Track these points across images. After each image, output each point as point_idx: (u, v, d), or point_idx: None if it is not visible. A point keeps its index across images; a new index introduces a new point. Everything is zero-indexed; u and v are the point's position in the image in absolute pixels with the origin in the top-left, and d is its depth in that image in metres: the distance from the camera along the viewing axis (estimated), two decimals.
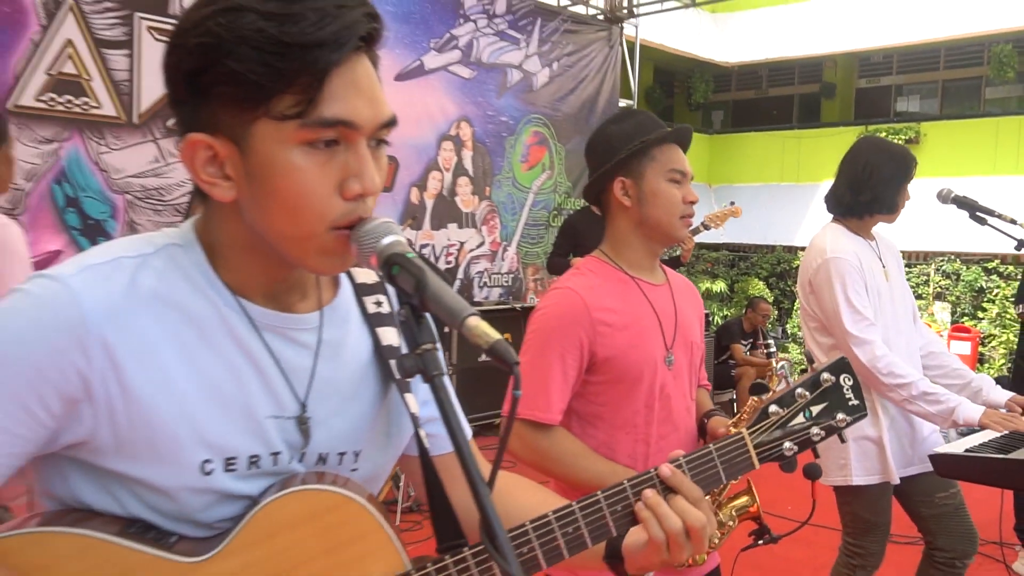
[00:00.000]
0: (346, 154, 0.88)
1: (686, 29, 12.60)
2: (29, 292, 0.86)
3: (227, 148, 0.88)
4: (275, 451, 0.96)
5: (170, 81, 0.90)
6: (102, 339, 0.86)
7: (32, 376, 0.84)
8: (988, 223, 2.82)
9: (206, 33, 0.84)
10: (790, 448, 1.30)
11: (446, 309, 0.82)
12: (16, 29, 4.59)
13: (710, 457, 1.23)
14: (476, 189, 7.40)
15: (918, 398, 2.52)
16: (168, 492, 0.90)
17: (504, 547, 0.81)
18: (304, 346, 0.99)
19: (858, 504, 2.75)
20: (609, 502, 1.09)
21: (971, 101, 14.66)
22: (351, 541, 0.96)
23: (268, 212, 0.89)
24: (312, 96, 0.85)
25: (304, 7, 0.84)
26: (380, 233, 0.88)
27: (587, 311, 1.83)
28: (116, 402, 0.87)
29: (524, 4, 7.58)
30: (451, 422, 0.84)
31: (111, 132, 5.02)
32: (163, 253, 0.93)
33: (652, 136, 1.90)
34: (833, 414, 1.32)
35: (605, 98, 8.38)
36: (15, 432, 0.84)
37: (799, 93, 16.35)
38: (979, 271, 11.13)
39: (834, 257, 2.65)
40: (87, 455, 0.89)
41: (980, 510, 4.98)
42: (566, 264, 5.48)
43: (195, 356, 0.91)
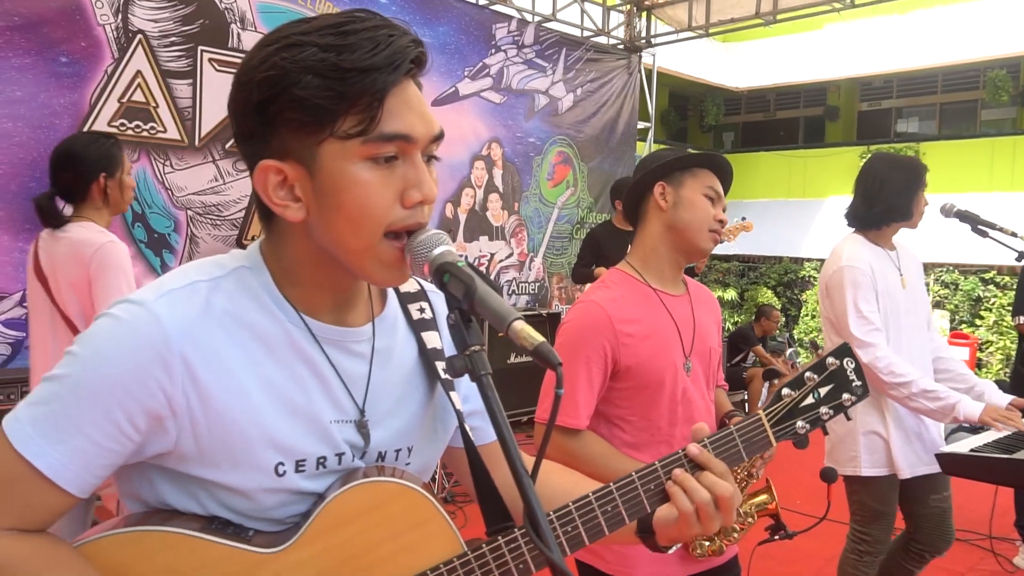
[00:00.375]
0: (404, 167, 0.89)
1: (699, 57, 12.54)
2: (116, 316, 0.88)
3: (296, 171, 0.89)
4: (339, 452, 0.97)
5: (239, 115, 0.91)
6: (183, 357, 0.87)
7: (120, 394, 0.85)
8: (989, 235, 2.77)
9: (272, 67, 0.86)
10: (802, 427, 1.32)
11: (494, 314, 0.82)
12: (92, 62, 4.68)
13: (731, 437, 1.25)
14: (506, 204, 7.41)
15: (918, 395, 2.50)
16: (245, 493, 0.92)
17: (546, 535, 0.80)
18: (360, 356, 1.00)
19: (866, 494, 2.72)
20: (643, 482, 1.09)
21: (968, 123, 14.42)
22: (412, 527, 0.97)
23: (334, 225, 0.90)
24: (373, 115, 0.86)
25: (358, 38, 0.86)
26: (432, 244, 0.89)
27: (610, 323, 1.82)
28: (197, 414, 0.88)
29: (551, 35, 7.60)
30: (496, 416, 0.83)
31: (175, 154, 5.09)
32: (233, 275, 0.94)
33: (702, 155, 1.95)
34: (839, 395, 1.34)
35: (624, 120, 8.38)
36: (106, 446, 0.86)
37: (805, 116, 16.20)
38: (976, 281, 10.94)
39: (848, 265, 2.65)
40: (171, 463, 0.91)
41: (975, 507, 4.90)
42: (589, 274, 5.46)
43: (264, 369, 0.92)
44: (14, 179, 4.43)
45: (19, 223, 4.46)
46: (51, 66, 4.52)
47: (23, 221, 4.48)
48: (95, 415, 0.85)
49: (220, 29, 5.21)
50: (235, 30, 5.29)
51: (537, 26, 7.48)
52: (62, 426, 0.84)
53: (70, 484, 0.85)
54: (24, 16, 4.39)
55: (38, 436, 0.84)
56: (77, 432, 0.84)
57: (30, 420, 0.85)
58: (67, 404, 0.85)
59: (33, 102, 4.46)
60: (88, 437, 0.85)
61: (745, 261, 13.44)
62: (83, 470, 0.85)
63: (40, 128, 4.51)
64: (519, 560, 0.99)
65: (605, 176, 8.23)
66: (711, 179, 1.94)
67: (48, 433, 0.84)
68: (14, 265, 4.48)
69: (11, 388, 3.49)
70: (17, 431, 0.84)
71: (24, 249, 4.50)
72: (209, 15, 5.15)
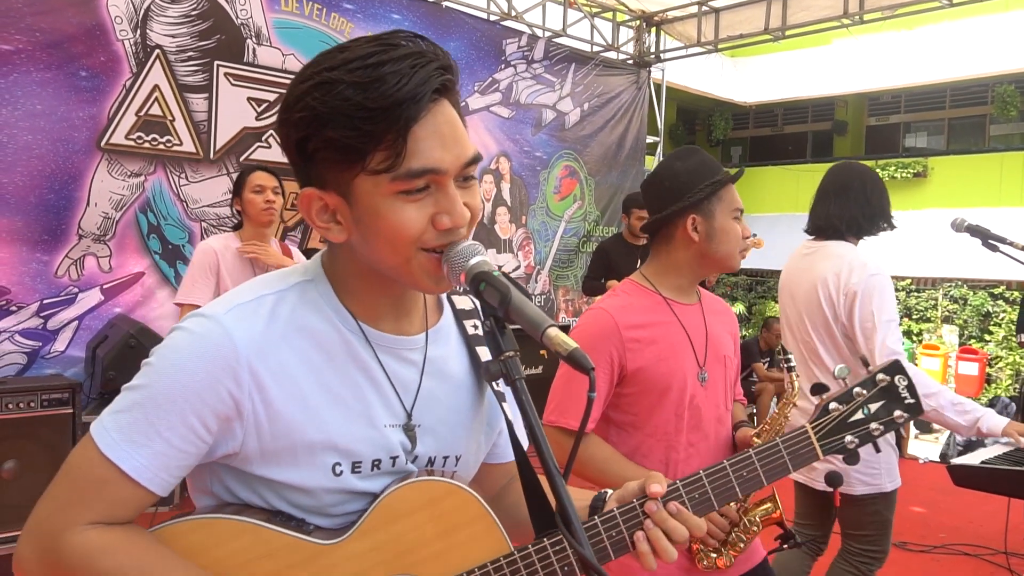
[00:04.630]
0: (437, 194, 0.93)
1: (707, 72, 12.61)
2: (189, 329, 0.95)
3: (335, 200, 0.95)
4: (394, 455, 1.02)
5: (285, 148, 0.97)
6: (250, 366, 0.94)
7: (195, 400, 0.92)
8: (1000, 250, 2.77)
9: (305, 108, 0.91)
10: (851, 441, 1.30)
11: (528, 321, 0.86)
12: (111, 76, 4.77)
13: (778, 450, 1.25)
14: (513, 218, 7.46)
15: (946, 407, 2.45)
16: (306, 490, 0.98)
17: (578, 532, 0.84)
18: (412, 363, 1.05)
19: (884, 506, 2.68)
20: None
21: (976, 138, 14.43)
22: (462, 525, 1.02)
23: (375, 248, 0.95)
24: (399, 150, 0.89)
25: (384, 71, 0.88)
26: (468, 254, 0.93)
27: (617, 329, 1.85)
28: (262, 418, 0.95)
29: (560, 50, 7.67)
30: (531, 419, 0.87)
31: (190, 167, 5.16)
32: (296, 288, 1.01)
33: (721, 178, 1.92)
34: (891, 411, 1.32)
35: (633, 135, 8.43)
36: (182, 448, 0.93)
37: (812, 130, 16.23)
38: (986, 296, 10.92)
39: (879, 274, 2.59)
40: (237, 463, 0.98)
41: (986, 522, 4.89)
42: (600, 286, 5.49)
43: (324, 375, 0.98)
44: (33, 191, 4.51)
45: (37, 234, 4.54)
46: (71, 80, 4.61)
47: (41, 232, 4.56)
48: (172, 421, 0.92)
49: (236, 44, 5.30)
50: (251, 45, 5.37)
51: (547, 41, 7.55)
52: (144, 431, 0.92)
53: (151, 483, 0.93)
54: (45, 32, 4.48)
55: (123, 441, 0.92)
56: (157, 436, 0.92)
57: (115, 427, 0.93)
58: (147, 411, 0.92)
59: (53, 115, 4.55)
60: (167, 441, 0.92)
61: (753, 275, 13.45)
62: (162, 470, 0.93)
63: (59, 141, 4.59)
64: (564, 563, 1.02)
65: (612, 190, 8.28)
66: (734, 197, 1.95)
67: (132, 438, 0.92)
68: (32, 276, 4.54)
69: (31, 396, 3.54)
70: (104, 437, 0.92)
71: (42, 260, 4.57)
72: (225, 31, 5.24)
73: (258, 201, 3.35)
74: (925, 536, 4.79)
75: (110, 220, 4.83)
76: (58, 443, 3.51)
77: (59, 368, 4.61)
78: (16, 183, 4.45)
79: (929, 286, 11.58)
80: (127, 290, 4.93)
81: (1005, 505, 3.90)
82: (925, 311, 11.52)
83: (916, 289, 11.68)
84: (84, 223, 4.72)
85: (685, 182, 1.93)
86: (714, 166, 1.96)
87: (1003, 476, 2.26)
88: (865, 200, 2.71)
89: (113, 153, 4.80)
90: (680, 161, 1.99)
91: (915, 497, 5.49)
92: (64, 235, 4.65)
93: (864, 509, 2.69)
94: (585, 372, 0.83)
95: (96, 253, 4.80)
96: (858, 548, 2.73)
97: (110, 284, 4.86)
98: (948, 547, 4.61)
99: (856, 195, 2.73)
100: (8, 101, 4.39)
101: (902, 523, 4.90)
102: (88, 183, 4.72)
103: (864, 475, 2.64)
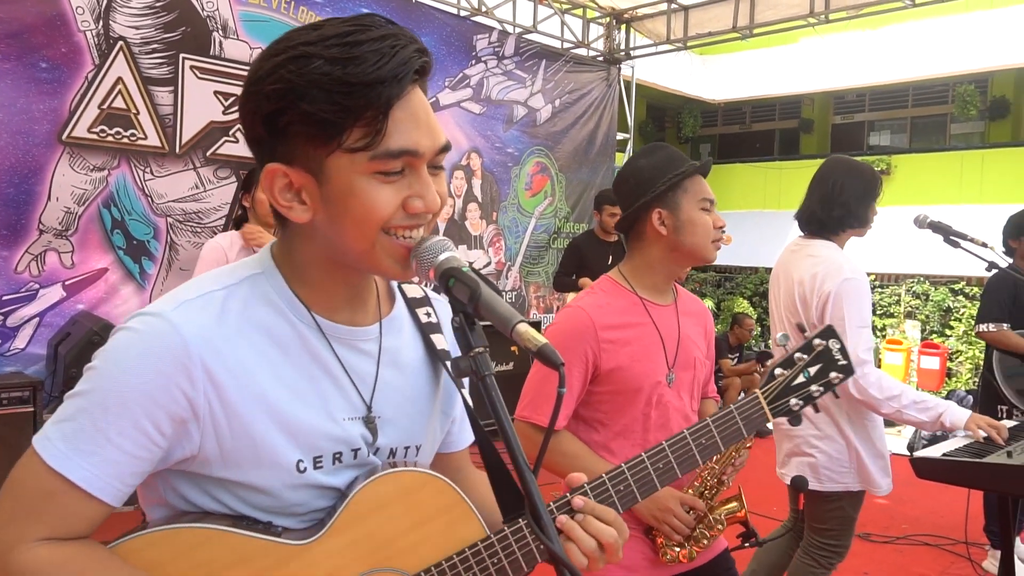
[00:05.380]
0: (410, 177, 0.92)
1: (677, 70, 12.68)
2: (135, 329, 0.90)
3: (302, 177, 0.92)
4: (355, 448, 1.00)
5: (247, 122, 0.93)
6: (203, 363, 0.90)
7: (146, 403, 0.88)
8: (961, 246, 2.82)
9: (279, 80, 0.87)
10: (796, 403, 1.38)
11: (498, 317, 0.86)
12: (72, 68, 4.65)
13: (732, 416, 1.32)
14: (484, 214, 7.45)
15: (908, 407, 2.49)
16: (268, 491, 0.95)
17: (547, 526, 0.85)
18: (368, 354, 1.03)
19: (849, 504, 2.72)
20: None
21: (937, 136, 14.73)
22: (438, 514, 1.02)
23: (341, 229, 0.92)
24: (379, 128, 0.88)
25: (363, 50, 0.87)
26: (437, 250, 0.92)
27: (593, 328, 1.86)
28: (219, 417, 0.91)
29: (531, 47, 7.67)
30: (500, 415, 0.87)
31: (155, 161, 5.07)
32: (246, 282, 0.97)
33: (685, 169, 1.92)
34: (827, 373, 1.40)
35: (603, 132, 8.47)
36: (135, 454, 0.89)
37: (780, 128, 16.44)
38: (947, 292, 11.15)
39: (855, 278, 2.57)
40: (195, 467, 0.94)
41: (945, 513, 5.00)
42: (571, 283, 5.50)
43: (279, 370, 0.95)
44: None
45: None
46: (31, 71, 4.49)
47: (2, 227, 4.45)
48: (123, 425, 0.87)
49: (202, 37, 5.21)
50: (217, 38, 5.29)
51: (518, 37, 7.54)
52: (92, 438, 0.87)
53: (104, 493, 0.88)
54: (4, 22, 4.36)
55: (70, 451, 0.87)
56: (107, 443, 0.87)
57: (60, 436, 0.87)
58: (95, 417, 0.87)
59: (12, 107, 4.43)
60: (118, 447, 0.87)
61: (721, 271, 13.60)
62: (115, 479, 0.88)
63: (19, 134, 4.47)
64: (539, 541, 0.99)
65: (583, 186, 8.30)
66: (701, 188, 1.94)
67: (79, 447, 0.87)
68: None
69: None
70: (48, 448, 0.87)
71: (1, 256, 4.46)
72: (191, 23, 5.14)
73: (266, 202, 3.25)
74: (888, 527, 4.88)
75: (72, 215, 4.73)
76: (18, 442, 3.44)
77: (19, 366, 4.50)
78: None
79: (892, 282, 11.80)
80: (90, 286, 4.83)
81: (965, 496, 3.99)
82: (888, 307, 11.74)
83: (880, 285, 11.89)
84: (45, 218, 4.62)
85: (649, 177, 1.94)
86: (679, 160, 1.96)
87: (963, 468, 2.31)
88: (831, 197, 2.70)
89: (75, 147, 4.70)
90: (645, 158, 2.00)
91: None
92: (24, 230, 4.54)
93: (829, 505, 2.73)
94: (554, 367, 0.82)
95: (58, 248, 4.69)
96: (819, 542, 2.77)
97: (72, 280, 4.76)
98: (910, 538, 4.71)
99: (822, 190, 2.73)
100: None
101: (866, 514, 4.97)
102: (49, 177, 4.61)
103: (834, 472, 2.67)
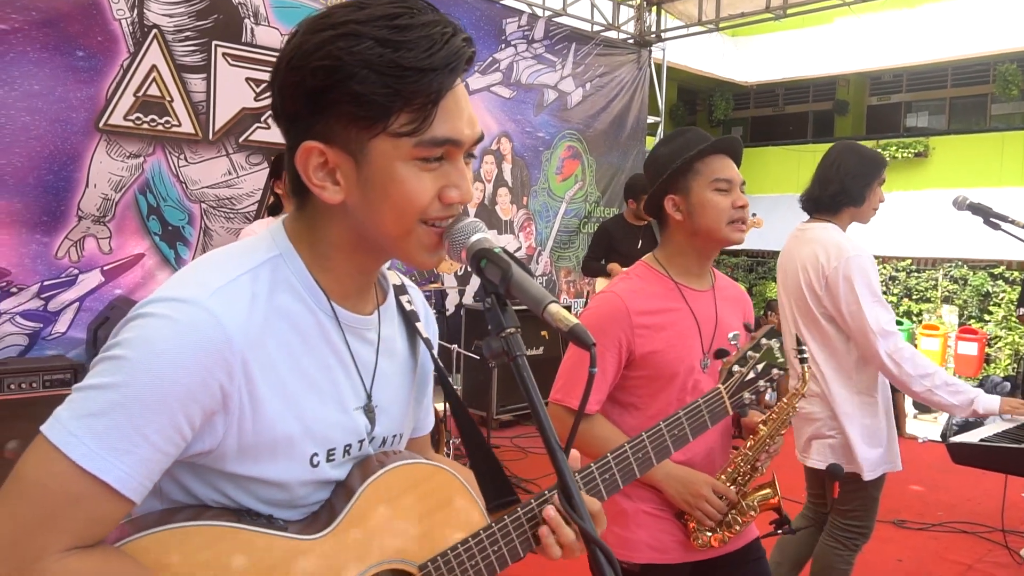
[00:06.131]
0: (448, 166, 0.92)
1: (708, 51, 12.53)
2: (171, 318, 0.84)
3: (340, 157, 0.90)
4: (360, 439, 1.01)
5: (287, 97, 0.91)
6: (242, 357, 0.87)
7: (185, 398, 0.83)
8: (1002, 228, 2.75)
9: (327, 56, 0.86)
10: (748, 398, 1.56)
11: (530, 297, 0.85)
12: (108, 57, 4.72)
13: (700, 409, 1.51)
14: (514, 198, 7.44)
15: (940, 388, 2.45)
16: (281, 484, 0.94)
17: (579, 506, 0.84)
18: (370, 343, 1.03)
19: (874, 486, 2.72)
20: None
21: (977, 117, 14.35)
22: (443, 503, 1.03)
23: (378, 214, 0.92)
24: (427, 115, 0.88)
25: (413, 34, 0.87)
26: (470, 231, 0.92)
27: (628, 314, 1.86)
28: (246, 411, 0.89)
29: (560, 30, 7.61)
30: (531, 396, 0.86)
31: (189, 148, 5.13)
32: (267, 265, 0.94)
33: (692, 152, 1.90)
34: (770, 371, 1.57)
35: (634, 115, 8.40)
36: (167, 451, 0.85)
37: (813, 110, 16.14)
38: (985, 276, 10.91)
39: (857, 255, 2.55)
40: (207, 460, 0.90)
41: (983, 500, 4.92)
42: (600, 267, 5.48)
43: (300, 360, 0.94)
44: (32, 172, 4.49)
45: (36, 215, 4.52)
46: (68, 60, 4.56)
47: (41, 214, 4.54)
48: (161, 422, 0.83)
49: (234, 24, 5.25)
50: (249, 25, 5.33)
51: (547, 21, 7.49)
52: (128, 436, 0.81)
53: (135, 494, 0.83)
54: (42, 11, 4.44)
55: (102, 449, 0.80)
56: (143, 441, 0.82)
57: (90, 434, 0.81)
58: (132, 413, 0.81)
59: (50, 96, 4.51)
60: (154, 445, 0.83)
61: (754, 256, 13.44)
62: (146, 478, 0.84)
63: (57, 122, 4.55)
64: (535, 527, 1.06)
65: (613, 170, 8.25)
66: (715, 168, 1.91)
67: (114, 445, 0.81)
68: (32, 257, 4.53)
69: (33, 377, 3.55)
70: (76, 447, 0.80)
71: (42, 242, 4.56)
72: (223, 10, 5.19)
73: None
74: (923, 514, 4.82)
75: (109, 201, 4.82)
76: None
77: (60, 349, 4.60)
78: (15, 165, 4.42)
79: (929, 266, 11.57)
80: (127, 271, 4.92)
81: (1002, 483, 3.92)
82: (925, 291, 11.52)
83: (916, 269, 11.67)
84: (84, 204, 4.71)
85: (663, 164, 1.94)
86: (694, 144, 1.93)
87: (1001, 454, 2.27)
88: (829, 175, 2.72)
89: (112, 134, 4.77)
90: (664, 145, 2.00)
91: (914, 476, 5.51)
92: (64, 217, 4.63)
93: (852, 486, 2.73)
94: (586, 347, 0.82)
95: (96, 235, 4.79)
96: (844, 524, 2.77)
97: (110, 265, 4.85)
98: (946, 525, 4.64)
99: (820, 170, 2.77)
100: (5, 81, 4.35)
101: (901, 501, 4.94)
102: (87, 164, 4.69)
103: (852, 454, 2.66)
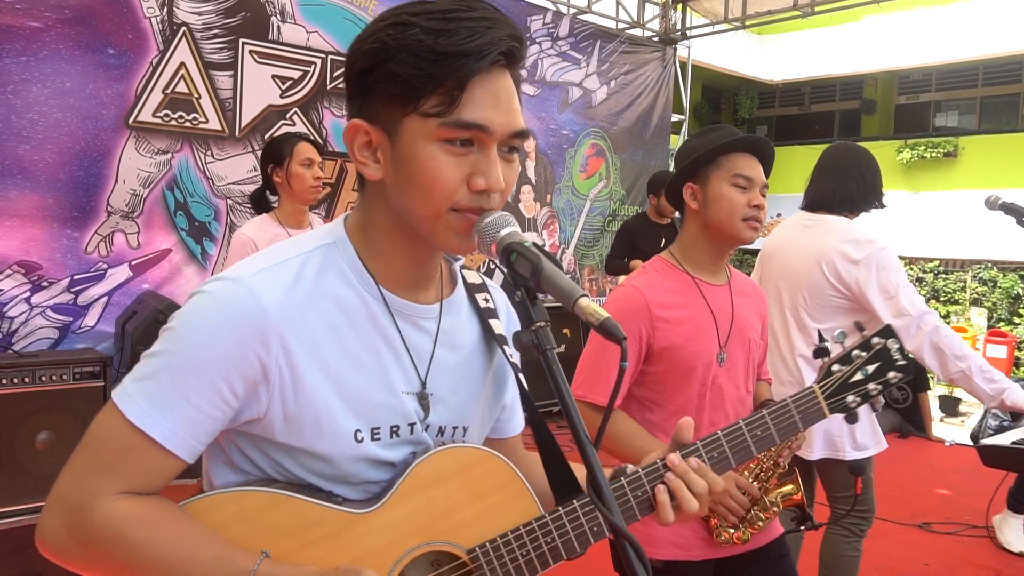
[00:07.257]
0: (478, 154, 0.94)
1: (734, 50, 12.43)
2: (213, 293, 0.94)
3: (380, 136, 0.96)
4: (411, 422, 1.03)
5: (346, 78, 0.99)
6: (278, 330, 0.93)
7: (223, 364, 0.92)
8: None
9: (376, 40, 0.93)
10: (853, 400, 1.38)
11: (559, 291, 0.86)
12: (138, 54, 4.78)
13: (788, 409, 1.32)
14: (538, 196, 7.44)
15: (975, 372, 2.44)
16: (328, 458, 0.98)
17: (609, 500, 0.85)
18: (426, 332, 1.05)
19: (870, 468, 2.75)
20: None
21: (1008, 117, 14.09)
22: (494, 490, 1.04)
23: (407, 193, 0.95)
24: (454, 98, 0.91)
25: (460, 24, 0.91)
26: (499, 225, 0.93)
27: (647, 307, 1.86)
28: (287, 383, 0.94)
29: (585, 28, 7.59)
30: (561, 389, 0.87)
31: (216, 144, 5.19)
32: (319, 251, 1.01)
33: (717, 144, 1.90)
34: (885, 372, 1.40)
35: (658, 113, 8.35)
36: (210, 414, 0.93)
37: (840, 109, 15.94)
38: (1015, 278, 10.72)
39: (887, 247, 2.63)
40: (259, 430, 0.97)
41: None
42: (623, 265, 5.47)
43: (345, 340, 0.98)
44: (63, 168, 4.56)
45: (67, 211, 4.59)
46: (99, 58, 4.63)
47: (71, 209, 4.61)
48: (201, 386, 0.91)
49: (261, 22, 5.30)
50: (275, 23, 5.37)
51: (572, 18, 7.47)
52: (171, 398, 0.91)
53: (180, 449, 0.92)
54: (74, 9, 4.51)
55: (151, 408, 0.91)
56: (185, 402, 0.91)
57: (142, 394, 0.91)
58: (174, 377, 0.91)
59: (82, 93, 4.58)
60: (195, 407, 0.91)
61: None
62: (191, 436, 0.92)
63: (88, 118, 4.62)
64: (593, 524, 1.04)
65: (638, 168, 8.21)
66: (738, 164, 1.91)
67: (160, 405, 0.91)
68: (63, 252, 4.61)
69: (63, 369, 3.61)
70: (130, 405, 0.91)
71: (72, 236, 4.64)
72: (250, 8, 5.23)
73: (307, 176, 3.09)
74: (950, 518, 4.76)
75: (138, 197, 4.88)
76: (90, 415, 3.52)
77: (90, 342, 4.68)
78: (47, 160, 4.49)
79: (957, 268, 11.40)
80: (155, 267, 4.99)
81: None
82: (953, 293, 11.35)
83: (944, 271, 11.50)
84: (113, 200, 4.78)
85: (690, 153, 1.96)
86: (723, 138, 1.93)
87: None
88: (860, 176, 2.78)
89: (141, 131, 4.83)
90: (696, 137, 2.03)
91: (941, 480, 5.44)
92: (93, 212, 4.70)
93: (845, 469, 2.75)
94: (616, 341, 0.82)
95: (124, 230, 4.85)
96: (846, 509, 2.78)
97: (138, 260, 4.92)
98: (973, 530, 4.58)
99: (851, 172, 2.80)
100: (38, 79, 4.43)
101: (926, 504, 4.88)
102: (116, 160, 4.76)
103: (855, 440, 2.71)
